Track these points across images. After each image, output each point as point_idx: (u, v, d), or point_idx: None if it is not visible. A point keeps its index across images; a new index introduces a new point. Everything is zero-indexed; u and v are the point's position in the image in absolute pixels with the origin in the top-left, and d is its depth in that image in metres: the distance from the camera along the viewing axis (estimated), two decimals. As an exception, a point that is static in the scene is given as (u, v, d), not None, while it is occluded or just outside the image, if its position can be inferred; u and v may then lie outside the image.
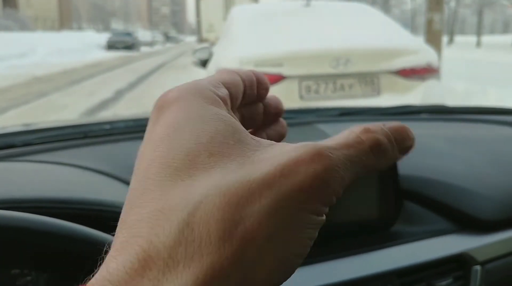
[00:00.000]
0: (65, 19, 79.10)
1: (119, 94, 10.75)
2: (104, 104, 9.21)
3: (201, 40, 16.85)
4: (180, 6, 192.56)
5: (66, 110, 8.43)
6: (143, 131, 1.14)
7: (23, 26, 41.81)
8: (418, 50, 3.88)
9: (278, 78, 3.58)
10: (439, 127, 1.55)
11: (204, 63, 16.35)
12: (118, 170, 1.01)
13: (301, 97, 3.62)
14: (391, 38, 4.04)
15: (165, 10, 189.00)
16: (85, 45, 31.08)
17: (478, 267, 1.03)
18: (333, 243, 0.99)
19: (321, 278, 0.90)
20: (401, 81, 3.72)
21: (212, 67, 4.38)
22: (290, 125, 1.33)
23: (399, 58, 3.74)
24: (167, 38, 77.40)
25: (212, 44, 5.55)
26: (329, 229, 0.91)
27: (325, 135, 1.25)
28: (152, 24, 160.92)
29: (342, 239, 1.00)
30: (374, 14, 4.60)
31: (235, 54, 3.75)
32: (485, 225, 1.09)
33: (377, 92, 3.68)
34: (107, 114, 7.94)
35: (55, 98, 10.06)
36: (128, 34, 38.82)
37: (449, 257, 1.02)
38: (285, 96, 3.55)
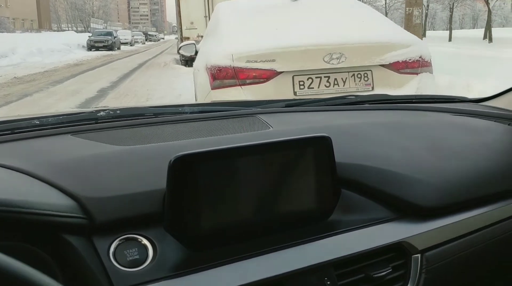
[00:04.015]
0: (43, 20, 78.23)
1: (102, 92, 10.64)
2: (88, 103, 9.10)
3: (181, 38, 16.72)
4: (159, 5, 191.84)
5: (50, 110, 8.27)
6: (74, 125, 1.25)
7: (1, 27, 41.24)
8: (410, 44, 3.84)
9: (271, 74, 3.52)
10: (380, 116, 1.53)
11: (186, 62, 16.09)
12: (39, 167, 0.94)
13: (295, 93, 3.56)
14: (382, 31, 4.01)
15: (144, 9, 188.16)
16: (65, 45, 30.77)
17: (418, 256, 1.03)
18: (269, 236, 0.95)
19: (254, 273, 0.86)
20: (394, 75, 3.69)
21: (200, 64, 4.30)
22: (231, 116, 1.41)
23: (392, 51, 3.70)
24: (147, 37, 77.22)
25: (195, 41, 5.43)
26: (265, 222, 0.94)
27: (267, 126, 1.32)
28: (131, 23, 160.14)
29: (279, 231, 0.97)
30: (362, 7, 4.57)
31: (226, 50, 3.66)
32: (424, 212, 1.08)
33: (371, 86, 3.65)
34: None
35: (38, 98, 9.90)
36: (109, 33, 38.39)
37: (388, 246, 1.00)
38: (278, 92, 3.50)
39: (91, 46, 34.90)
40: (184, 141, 1.15)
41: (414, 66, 3.76)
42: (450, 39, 35.02)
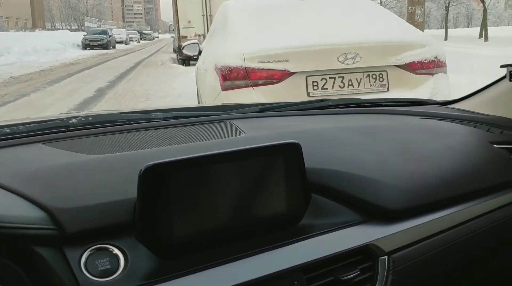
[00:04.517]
0: (37, 19, 77.92)
1: (100, 92, 10.54)
2: (86, 103, 9.00)
3: (179, 37, 16.62)
4: (153, 4, 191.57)
5: (48, 110, 8.18)
6: (45, 133, 1.24)
7: (-5, 25, 40.99)
8: (425, 43, 3.73)
9: (284, 75, 3.41)
10: (351, 120, 1.57)
11: (184, 61, 15.98)
12: (8, 177, 0.93)
13: (308, 94, 3.46)
14: (397, 31, 3.90)
15: (138, 8, 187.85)
16: (60, 44, 30.57)
17: (385, 258, 1.05)
18: (239, 242, 0.96)
19: (224, 280, 0.88)
20: (410, 75, 3.59)
21: (208, 64, 4.18)
22: (204, 122, 1.42)
23: (407, 51, 3.60)
24: (142, 35, 77.19)
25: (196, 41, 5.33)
26: (236, 229, 0.95)
27: (239, 132, 1.32)
28: (125, 22, 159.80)
29: (249, 237, 0.98)
30: (374, 6, 4.46)
31: (237, 50, 3.54)
32: (391, 215, 1.11)
33: (386, 87, 3.55)
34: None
35: (35, 98, 9.77)
36: (104, 32, 38.25)
37: (356, 249, 1.02)
38: (291, 93, 3.40)
39: (86, 45, 34.74)
40: (156, 148, 1.15)
41: (430, 66, 3.66)
42: (446, 38, 35.00)
